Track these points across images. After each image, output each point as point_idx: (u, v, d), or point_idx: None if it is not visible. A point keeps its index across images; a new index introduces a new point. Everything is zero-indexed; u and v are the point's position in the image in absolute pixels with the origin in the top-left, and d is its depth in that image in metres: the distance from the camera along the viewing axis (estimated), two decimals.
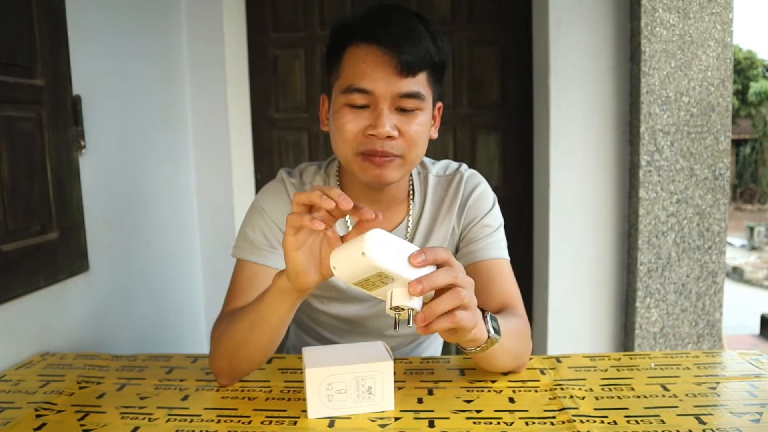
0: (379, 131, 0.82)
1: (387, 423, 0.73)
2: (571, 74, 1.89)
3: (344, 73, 0.85)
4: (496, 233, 0.97)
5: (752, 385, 0.82)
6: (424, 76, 0.85)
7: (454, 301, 0.64)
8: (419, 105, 0.85)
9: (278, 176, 1.01)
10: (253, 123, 2.18)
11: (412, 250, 0.64)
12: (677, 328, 1.89)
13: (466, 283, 0.66)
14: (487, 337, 0.74)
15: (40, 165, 1.14)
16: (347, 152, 0.86)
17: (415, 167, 0.92)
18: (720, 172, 1.86)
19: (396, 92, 0.83)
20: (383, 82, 0.82)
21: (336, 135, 0.87)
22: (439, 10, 2.10)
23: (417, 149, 0.87)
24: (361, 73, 0.83)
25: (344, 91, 0.84)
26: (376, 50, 0.82)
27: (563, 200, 1.94)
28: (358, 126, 0.84)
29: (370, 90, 0.83)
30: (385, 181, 0.87)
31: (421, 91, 0.84)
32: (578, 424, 0.71)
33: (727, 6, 1.80)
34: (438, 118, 0.95)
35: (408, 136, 0.85)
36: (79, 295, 1.28)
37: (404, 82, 0.82)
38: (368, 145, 0.84)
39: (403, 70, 0.82)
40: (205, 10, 1.96)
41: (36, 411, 0.79)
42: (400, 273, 0.63)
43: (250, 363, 0.85)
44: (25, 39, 1.11)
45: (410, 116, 0.85)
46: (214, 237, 2.03)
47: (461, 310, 0.65)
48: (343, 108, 0.85)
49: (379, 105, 0.83)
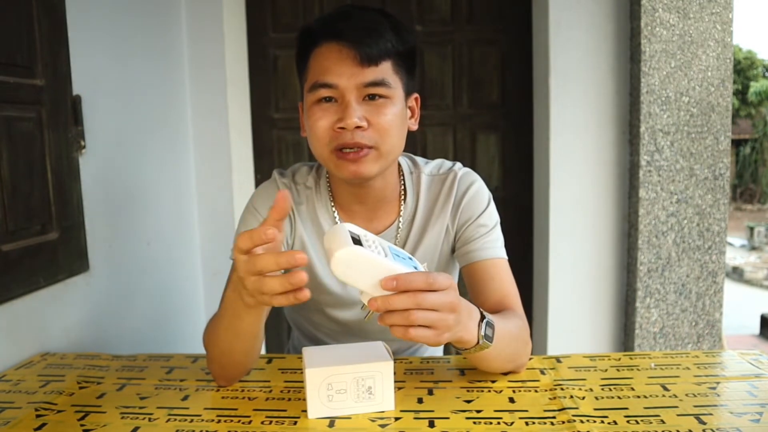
0: (347, 122, 0.83)
1: (387, 423, 0.73)
2: (571, 74, 1.89)
3: (311, 73, 0.87)
4: (492, 232, 0.97)
5: (752, 385, 0.82)
6: (388, 65, 0.85)
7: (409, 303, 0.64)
8: (386, 92, 0.85)
9: (271, 177, 1.01)
10: (253, 123, 2.18)
11: (386, 266, 0.64)
12: (677, 328, 1.89)
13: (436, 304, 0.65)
14: (476, 342, 0.74)
15: (40, 165, 1.14)
16: (322, 150, 0.87)
17: (392, 159, 0.90)
18: (720, 172, 1.86)
19: (360, 82, 0.83)
20: (346, 75, 0.83)
21: (310, 135, 0.89)
22: (439, 10, 2.10)
23: (390, 139, 0.86)
24: (325, 69, 0.84)
25: (311, 89, 0.86)
26: (337, 46, 0.84)
27: (563, 200, 1.94)
28: (328, 122, 0.85)
29: (334, 83, 0.84)
30: (363, 175, 0.86)
31: (387, 79, 0.85)
32: (578, 424, 0.71)
33: (727, 6, 1.80)
34: (417, 109, 0.95)
35: (378, 126, 0.85)
36: (79, 295, 1.28)
37: (367, 72, 0.83)
38: (340, 139, 0.85)
39: (364, 60, 0.83)
40: (205, 10, 1.96)
41: (36, 411, 0.79)
42: (363, 289, 0.65)
43: (239, 367, 0.86)
44: (25, 39, 1.11)
45: (379, 105, 0.85)
46: (214, 237, 2.03)
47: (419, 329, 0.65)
48: (312, 106, 0.86)
49: (346, 97, 0.84)
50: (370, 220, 0.97)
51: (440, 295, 0.66)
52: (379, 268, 0.64)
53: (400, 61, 0.87)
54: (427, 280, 0.65)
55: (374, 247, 0.66)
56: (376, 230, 0.97)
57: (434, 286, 0.65)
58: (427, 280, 0.65)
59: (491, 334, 0.76)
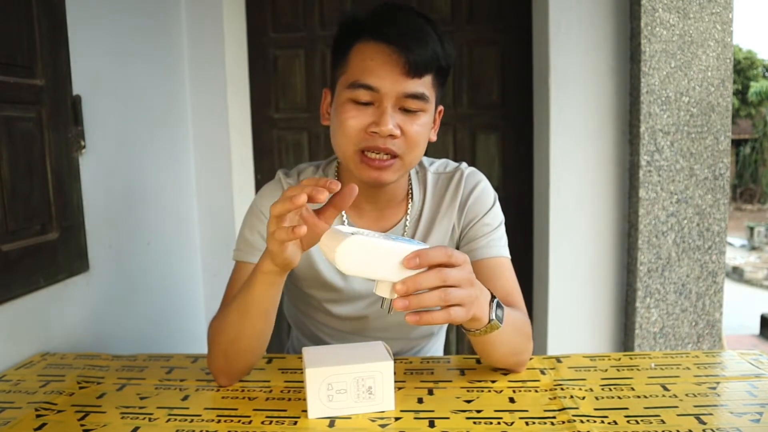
0: (382, 129, 0.82)
1: (387, 423, 0.73)
2: (571, 74, 1.89)
3: (350, 69, 0.85)
4: (496, 231, 0.97)
5: (752, 385, 0.82)
6: (429, 78, 0.85)
7: (437, 281, 0.64)
8: (423, 106, 0.85)
9: (276, 177, 1.01)
10: (253, 123, 2.17)
11: (394, 248, 0.64)
12: (677, 328, 1.89)
13: (458, 280, 0.66)
14: (488, 321, 0.74)
15: (40, 165, 1.14)
16: (347, 148, 0.86)
17: (412, 168, 0.92)
18: (720, 172, 1.86)
19: (401, 92, 0.83)
20: (389, 81, 0.82)
21: (338, 130, 0.87)
22: (439, 10, 2.10)
23: (417, 150, 0.87)
24: (368, 70, 0.83)
25: (349, 86, 0.84)
26: (384, 48, 0.82)
27: (563, 200, 1.94)
28: (361, 122, 0.84)
29: (376, 87, 0.83)
30: (383, 182, 0.87)
31: (426, 92, 0.85)
32: (578, 424, 0.71)
33: (727, 6, 1.80)
34: (438, 121, 0.95)
35: (409, 137, 0.85)
36: (79, 295, 1.28)
37: (410, 83, 0.83)
38: (369, 142, 0.84)
39: (410, 71, 0.82)
40: (205, 10, 1.96)
41: (36, 411, 0.79)
42: (380, 277, 0.63)
43: (245, 357, 0.85)
44: (25, 39, 1.11)
45: (413, 117, 0.85)
46: (214, 237, 2.03)
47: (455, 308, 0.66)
48: (347, 103, 0.85)
49: (384, 103, 0.83)
50: (377, 219, 0.98)
51: (460, 270, 0.66)
52: (386, 251, 0.63)
53: (439, 75, 0.87)
54: (447, 252, 0.65)
55: (373, 235, 0.65)
56: (383, 228, 0.98)
57: (453, 259, 0.65)
58: (446, 252, 0.65)
59: (501, 316, 0.76)
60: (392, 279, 0.64)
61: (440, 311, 0.65)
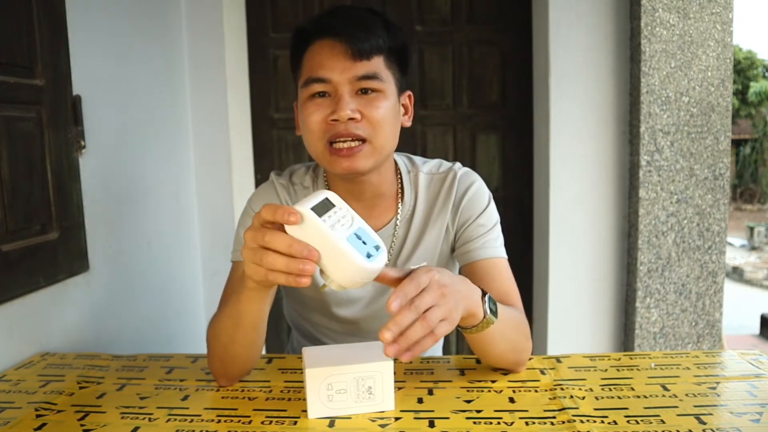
0: (341, 114, 0.83)
1: (387, 423, 0.73)
2: (571, 74, 1.89)
3: (304, 71, 0.88)
4: (491, 232, 0.97)
5: (752, 385, 0.82)
6: (380, 59, 0.87)
7: (414, 314, 0.64)
8: (378, 86, 0.86)
9: (269, 178, 1.02)
10: (253, 123, 2.18)
11: (328, 237, 0.63)
12: (677, 328, 1.89)
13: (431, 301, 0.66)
14: (483, 317, 0.75)
15: (40, 165, 1.14)
16: (316, 144, 0.87)
17: (386, 154, 0.90)
18: (720, 172, 1.86)
19: (352, 76, 0.84)
20: (339, 69, 0.84)
21: (304, 130, 0.89)
22: (439, 10, 2.10)
23: (383, 132, 0.87)
24: (318, 64, 0.86)
25: (304, 84, 0.87)
26: (330, 41, 0.85)
27: (563, 200, 1.94)
28: (321, 115, 0.86)
29: (327, 78, 0.85)
30: (357, 170, 0.87)
31: (378, 72, 0.86)
32: (578, 424, 0.71)
33: (727, 6, 1.80)
34: (410, 107, 0.96)
35: (371, 118, 0.85)
36: (79, 295, 1.28)
37: (359, 65, 0.84)
38: (333, 131, 0.85)
39: (356, 54, 0.84)
40: (205, 10, 1.96)
41: (36, 411, 0.79)
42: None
43: (240, 363, 0.85)
44: (25, 39, 1.11)
45: (371, 99, 0.86)
46: (214, 237, 2.03)
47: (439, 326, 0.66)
48: (306, 102, 0.87)
49: (339, 91, 0.85)
50: (366, 218, 0.97)
51: (428, 292, 0.67)
52: (324, 240, 0.63)
53: (392, 57, 0.88)
54: (417, 284, 0.66)
55: (340, 222, 0.65)
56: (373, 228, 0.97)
57: (418, 286, 0.66)
58: (417, 285, 0.66)
59: (495, 309, 0.77)
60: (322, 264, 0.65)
61: (427, 337, 0.65)
